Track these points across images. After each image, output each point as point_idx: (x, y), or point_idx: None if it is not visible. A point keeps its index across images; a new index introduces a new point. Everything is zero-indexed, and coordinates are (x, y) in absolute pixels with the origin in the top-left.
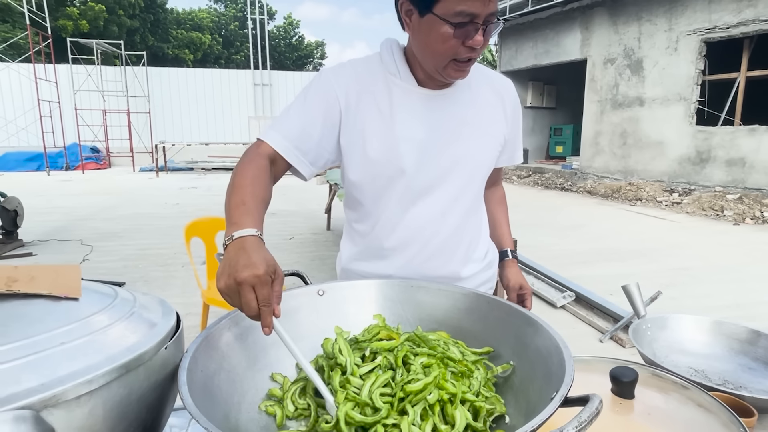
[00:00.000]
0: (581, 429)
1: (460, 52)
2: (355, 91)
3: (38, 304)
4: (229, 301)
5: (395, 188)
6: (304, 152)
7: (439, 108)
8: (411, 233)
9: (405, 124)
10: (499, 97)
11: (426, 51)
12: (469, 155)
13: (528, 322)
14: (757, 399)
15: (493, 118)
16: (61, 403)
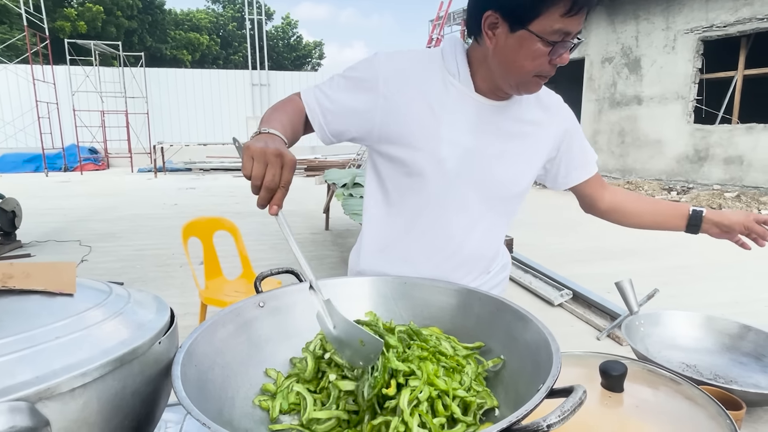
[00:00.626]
0: (564, 418)
1: (545, 69)
2: (405, 81)
3: (33, 300)
4: (249, 166)
5: (429, 189)
6: (328, 123)
7: (490, 120)
8: (440, 241)
9: (453, 127)
10: (548, 114)
11: (511, 66)
12: (509, 172)
13: (518, 316)
14: (746, 392)
15: (538, 138)
16: (56, 396)
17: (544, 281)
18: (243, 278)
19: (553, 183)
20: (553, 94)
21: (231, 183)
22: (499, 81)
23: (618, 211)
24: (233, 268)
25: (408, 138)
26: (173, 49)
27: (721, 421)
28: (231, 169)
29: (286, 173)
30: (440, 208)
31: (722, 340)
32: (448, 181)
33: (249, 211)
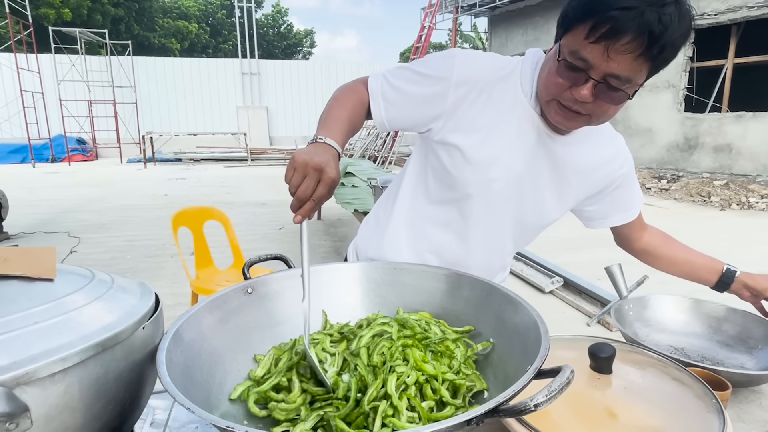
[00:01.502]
0: (551, 397)
1: (564, 96)
2: (477, 88)
3: (11, 285)
4: (289, 174)
5: (469, 204)
6: (389, 114)
7: (548, 152)
8: (461, 255)
9: (512, 151)
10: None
11: (539, 78)
12: (549, 205)
13: (507, 300)
14: (732, 373)
15: (589, 179)
16: (35, 381)
17: (535, 269)
18: (234, 268)
19: (587, 221)
20: (618, 135)
21: (222, 173)
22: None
23: (652, 254)
24: (224, 258)
25: (463, 150)
26: (161, 37)
27: (708, 401)
28: (222, 160)
29: (320, 188)
30: (472, 222)
31: (709, 323)
32: (488, 202)
33: (240, 201)
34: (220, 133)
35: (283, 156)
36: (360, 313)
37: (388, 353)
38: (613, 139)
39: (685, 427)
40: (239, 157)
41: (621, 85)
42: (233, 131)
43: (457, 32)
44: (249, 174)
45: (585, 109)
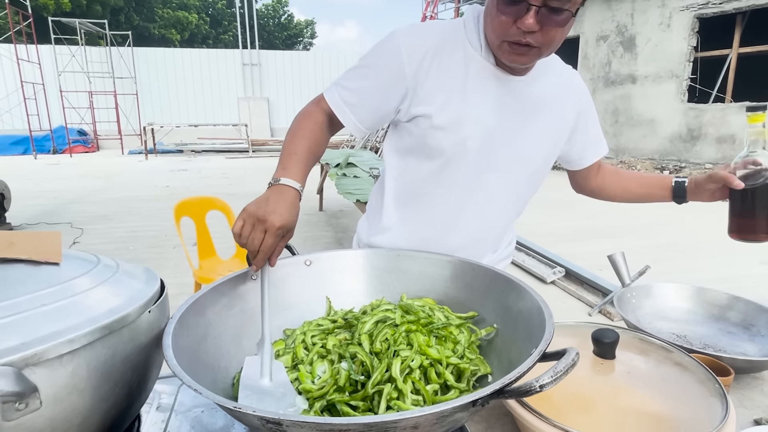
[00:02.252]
0: (556, 378)
1: (511, 33)
2: (428, 57)
3: (18, 268)
4: (237, 229)
5: (451, 169)
6: (358, 117)
7: (511, 95)
8: (454, 220)
9: (477, 105)
10: (570, 93)
11: (486, 25)
12: (529, 149)
13: (511, 286)
14: (735, 359)
15: (558, 113)
16: (43, 362)
17: (537, 259)
18: (237, 258)
19: (570, 163)
20: (571, 69)
21: (223, 164)
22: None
23: (607, 188)
24: (226, 248)
25: (431, 118)
26: (161, 28)
27: (710, 386)
28: (223, 151)
29: (267, 238)
30: (456, 186)
31: (712, 310)
32: (469, 161)
33: (242, 192)
34: (221, 124)
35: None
36: (363, 300)
37: (392, 339)
38: (567, 69)
39: (689, 411)
40: (240, 149)
41: (562, 5)
42: (234, 122)
43: None
44: (250, 165)
45: (534, 41)
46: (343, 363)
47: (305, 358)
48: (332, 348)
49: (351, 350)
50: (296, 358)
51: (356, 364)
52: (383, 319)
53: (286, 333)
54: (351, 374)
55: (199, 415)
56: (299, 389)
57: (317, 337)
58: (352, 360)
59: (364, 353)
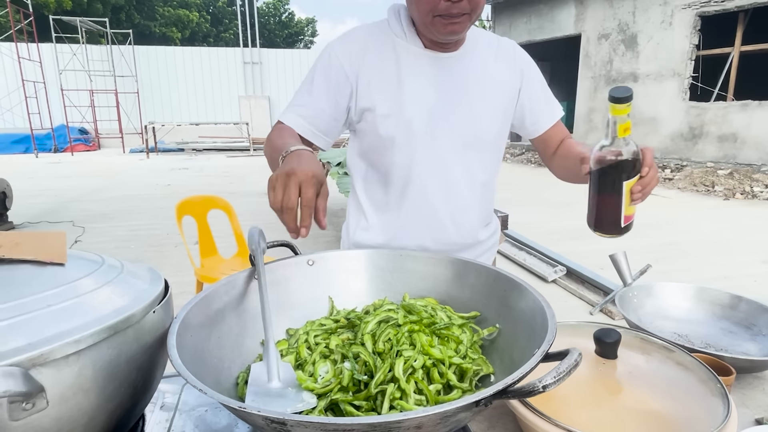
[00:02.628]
0: (559, 379)
1: (440, 7)
2: (362, 57)
3: (23, 269)
4: (271, 197)
5: (404, 154)
6: (319, 128)
7: (447, 71)
8: (423, 205)
9: (413, 87)
10: (507, 59)
11: (411, 7)
12: (477, 120)
13: (513, 286)
14: (736, 359)
15: (497, 82)
16: (50, 362)
17: (538, 258)
18: (238, 256)
19: (525, 131)
20: (506, 39)
21: (225, 163)
22: (418, 27)
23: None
24: (228, 246)
25: (374, 109)
26: (162, 26)
27: (712, 385)
28: (224, 150)
29: (306, 190)
30: (418, 171)
31: (713, 310)
32: (420, 141)
33: (243, 191)
34: (222, 122)
35: None
36: (366, 300)
37: (395, 339)
38: (502, 40)
39: (691, 411)
40: (241, 147)
41: None
42: (235, 121)
43: None
44: (251, 164)
45: (463, 8)
46: (346, 363)
47: (308, 358)
48: (335, 348)
49: (354, 350)
50: (299, 358)
51: (359, 364)
52: (386, 319)
53: (289, 333)
54: (354, 374)
55: (203, 414)
56: (305, 388)
57: (320, 337)
58: (355, 360)
59: (367, 353)
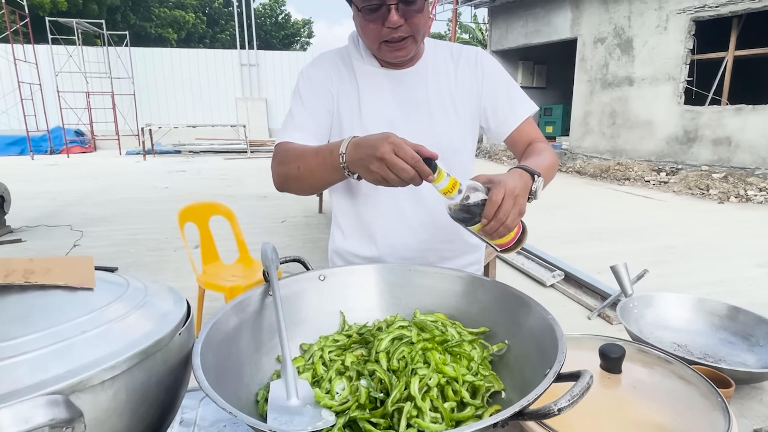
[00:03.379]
0: (573, 402)
1: (384, 33)
2: (332, 77)
3: (55, 294)
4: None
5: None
6: (320, 138)
7: (404, 86)
8: (392, 212)
9: (372, 104)
10: (468, 66)
11: (361, 37)
12: (439, 127)
13: (522, 302)
14: (735, 371)
15: (463, 89)
16: (88, 388)
17: (536, 262)
18: (240, 263)
19: (492, 133)
20: (469, 48)
21: (222, 165)
22: (373, 54)
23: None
24: (228, 252)
25: (342, 126)
26: (158, 27)
27: (713, 399)
28: (221, 152)
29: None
30: None
31: (712, 320)
32: None
33: (241, 194)
34: (219, 125)
35: None
36: (376, 314)
37: (409, 357)
38: (463, 49)
39: (693, 425)
40: (239, 149)
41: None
42: (232, 123)
43: (456, 23)
44: (249, 166)
45: (405, 32)
46: (362, 380)
47: (324, 375)
48: (350, 365)
49: (369, 368)
50: (316, 375)
51: (375, 381)
52: (399, 337)
53: (303, 348)
54: (370, 391)
55: (222, 429)
56: (323, 405)
57: (334, 353)
58: (371, 377)
59: (383, 371)
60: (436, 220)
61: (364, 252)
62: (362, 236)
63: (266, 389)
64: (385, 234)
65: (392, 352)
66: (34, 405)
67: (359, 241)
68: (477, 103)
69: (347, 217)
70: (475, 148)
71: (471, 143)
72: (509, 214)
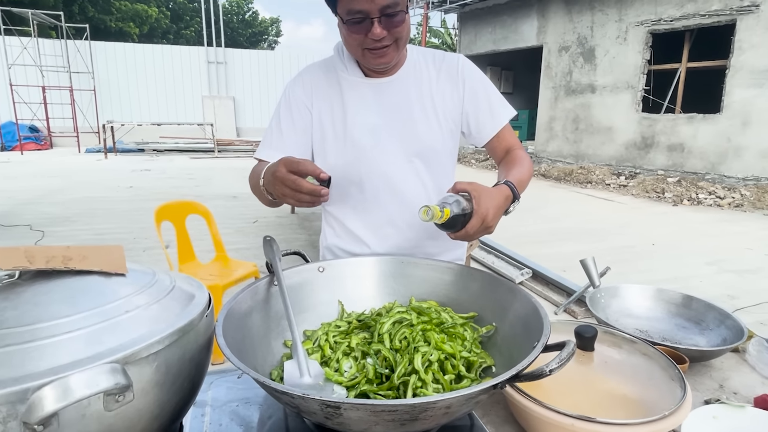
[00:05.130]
0: (562, 364)
1: (367, 43)
2: (313, 92)
3: (92, 279)
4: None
5: (356, 170)
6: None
7: (387, 94)
8: (380, 219)
9: (356, 113)
10: (449, 73)
11: (345, 45)
12: (420, 132)
13: (508, 289)
14: (689, 350)
15: (444, 96)
16: (136, 361)
17: (506, 261)
18: (217, 261)
19: (473, 138)
20: (453, 54)
21: (188, 165)
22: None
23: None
24: (203, 252)
25: (325, 136)
26: (119, 21)
27: (672, 372)
28: (187, 151)
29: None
30: (370, 185)
31: (669, 308)
32: (368, 159)
33: (210, 194)
34: (185, 123)
35: (252, 148)
36: (373, 303)
37: (411, 337)
38: (446, 56)
39: (655, 394)
40: (206, 149)
41: (395, 8)
42: (199, 121)
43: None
44: (217, 166)
45: (388, 41)
46: (368, 359)
47: (332, 355)
48: (356, 346)
49: (374, 347)
50: (324, 356)
51: (380, 359)
52: (400, 320)
53: (306, 334)
54: (377, 368)
55: (235, 408)
56: (334, 382)
57: (338, 337)
58: (376, 356)
59: (387, 350)
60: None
61: (356, 251)
62: (353, 239)
63: (280, 368)
64: (375, 239)
65: (394, 333)
66: (100, 371)
67: (351, 242)
68: (459, 109)
69: (337, 222)
70: (456, 153)
71: (452, 147)
72: (478, 235)
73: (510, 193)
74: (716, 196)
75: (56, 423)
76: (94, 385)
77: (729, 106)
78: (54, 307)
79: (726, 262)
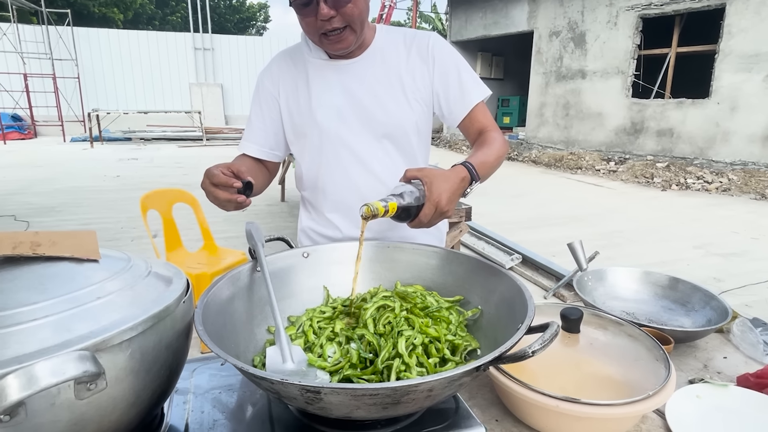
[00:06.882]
0: (545, 345)
1: (320, 26)
2: (280, 78)
3: (63, 266)
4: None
5: (326, 156)
6: (268, 146)
7: (352, 75)
8: (352, 200)
9: (320, 95)
10: (420, 52)
11: (304, 33)
12: (389, 112)
13: (493, 272)
14: (674, 330)
15: (414, 75)
16: (108, 348)
17: (496, 246)
18: (204, 250)
19: (447, 121)
20: (424, 32)
21: (176, 153)
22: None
23: None
24: (190, 241)
25: (293, 121)
26: (102, 6)
27: (657, 352)
28: (175, 139)
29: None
30: (341, 166)
31: (655, 291)
32: (336, 140)
33: (198, 183)
34: (172, 111)
35: (241, 136)
36: (358, 288)
37: (394, 321)
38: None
39: (640, 373)
40: (193, 137)
41: None
42: (186, 109)
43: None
44: (205, 154)
45: (339, 23)
46: (352, 344)
47: (315, 341)
48: (339, 331)
49: (358, 332)
50: (308, 341)
51: (364, 344)
52: (383, 305)
53: (291, 320)
54: (360, 352)
55: (218, 395)
56: (317, 367)
57: (323, 323)
58: (360, 341)
59: (371, 334)
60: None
61: (329, 234)
62: (325, 222)
63: (262, 354)
64: (346, 222)
65: (378, 318)
66: (67, 359)
67: (323, 225)
68: (429, 89)
69: (311, 205)
70: (430, 134)
71: (425, 128)
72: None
73: (466, 174)
74: (704, 180)
75: (23, 412)
76: (60, 374)
77: (717, 90)
78: (20, 294)
79: (713, 246)
